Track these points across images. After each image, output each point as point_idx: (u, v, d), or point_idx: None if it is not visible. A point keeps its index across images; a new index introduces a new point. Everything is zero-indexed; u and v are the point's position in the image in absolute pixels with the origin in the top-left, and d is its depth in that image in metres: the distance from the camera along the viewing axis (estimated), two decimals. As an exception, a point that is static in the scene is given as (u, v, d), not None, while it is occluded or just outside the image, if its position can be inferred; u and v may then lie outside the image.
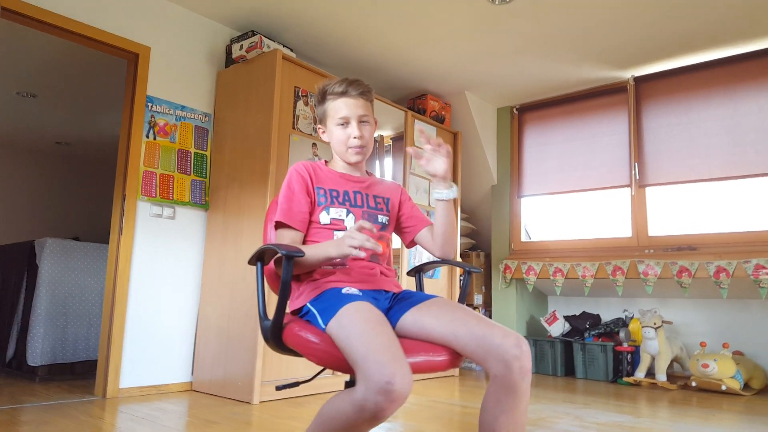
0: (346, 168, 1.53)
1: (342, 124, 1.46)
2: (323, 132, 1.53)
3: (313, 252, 1.32)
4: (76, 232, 6.64)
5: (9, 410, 2.47)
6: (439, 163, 1.39)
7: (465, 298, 1.52)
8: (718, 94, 3.73)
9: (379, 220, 1.49)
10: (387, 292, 1.42)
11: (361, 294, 1.32)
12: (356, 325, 1.15)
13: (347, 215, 1.45)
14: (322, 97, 1.49)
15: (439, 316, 1.27)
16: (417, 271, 1.65)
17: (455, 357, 1.26)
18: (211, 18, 3.41)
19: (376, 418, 1.03)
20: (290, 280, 1.24)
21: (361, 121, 1.46)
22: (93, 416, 2.40)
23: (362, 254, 1.24)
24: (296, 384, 1.38)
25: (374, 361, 1.05)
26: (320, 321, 1.25)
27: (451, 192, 1.42)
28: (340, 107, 1.46)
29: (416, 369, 1.20)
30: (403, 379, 1.03)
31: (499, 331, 1.20)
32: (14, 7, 2.64)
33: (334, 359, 1.19)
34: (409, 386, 1.04)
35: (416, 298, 1.37)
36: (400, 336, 1.30)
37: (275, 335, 1.31)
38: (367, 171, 1.58)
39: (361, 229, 1.25)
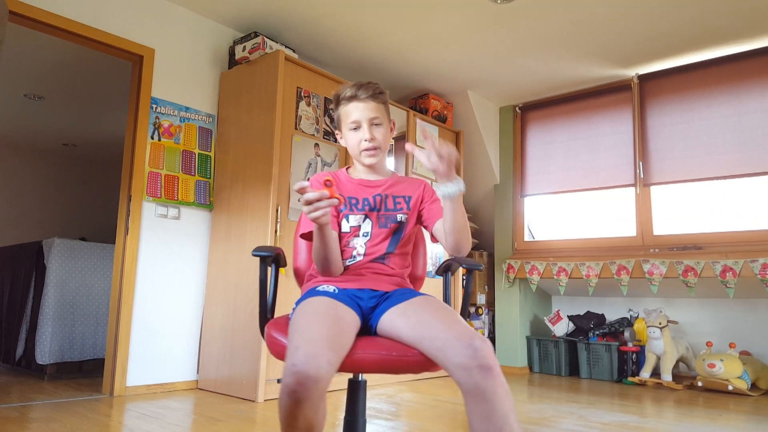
0: (367, 172, 1.53)
1: (354, 128, 1.48)
2: (341, 137, 1.54)
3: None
4: (83, 233, 6.69)
5: (19, 407, 2.50)
6: (436, 159, 1.30)
7: (469, 297, 1.50)
8: (723, 92, 3.71)
9: (398, 219, 1.49)
10: (375, 290, 1.40)
11: (334, 291, 1.33)
12: (301, 316, 1.20)
13: (364, 220, 1.47)
14: (336, 102, 1.51)
15: (409, 318, 1.24)
16: (445, 271, 1.56)
17: (428, 359, 1.20)
18: (215, 20, 3.43)
19: (292, 400, 1.03)
20: (265, 278, 1.41)
21: (372, 124, 1.47)
22: (100, 414, 2.43)
23: (319, 214, 1.18)
24: None
25: (292, 347, 1.08)
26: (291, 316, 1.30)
27: (453, 187, 1.32)
28: (351, 111, 1.47)
29: (379, 366, 1.18)
30: (307, 360, 1.03)
31: (454, 333, 1.13)
32: (22, 10, 2.67)
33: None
34: (316, 369, 1.03)
35: (398, 297, 1.34)
36: (381, 336, 1.30)
37: (261, 332, 1.41)
38: (392, 171, 1.58)
39: (301, 190, 1.16)
